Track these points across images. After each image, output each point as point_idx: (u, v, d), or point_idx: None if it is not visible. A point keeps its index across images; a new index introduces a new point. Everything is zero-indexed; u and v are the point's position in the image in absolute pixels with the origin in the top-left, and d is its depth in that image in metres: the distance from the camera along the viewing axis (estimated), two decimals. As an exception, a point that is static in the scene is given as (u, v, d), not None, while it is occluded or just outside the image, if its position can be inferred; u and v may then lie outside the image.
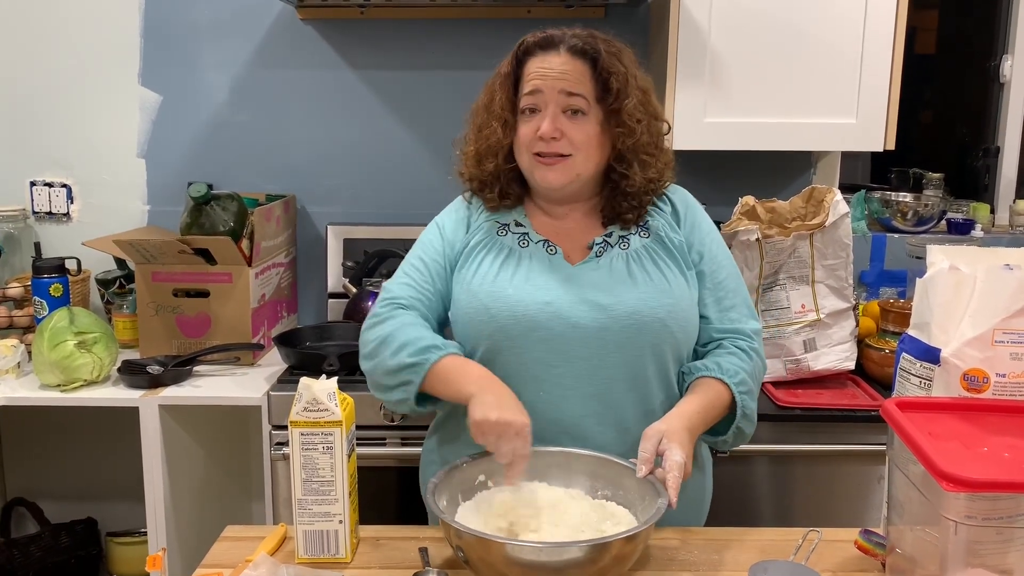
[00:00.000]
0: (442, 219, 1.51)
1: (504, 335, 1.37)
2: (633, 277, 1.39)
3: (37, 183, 2.59)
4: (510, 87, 1.40)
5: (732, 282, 1.47)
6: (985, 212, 2.64)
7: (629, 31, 2.46)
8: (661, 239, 1.44)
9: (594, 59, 1.36)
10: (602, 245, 1.42)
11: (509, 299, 1.37)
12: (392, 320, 1.40)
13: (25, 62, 2.54)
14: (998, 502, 0.99)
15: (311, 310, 2.64)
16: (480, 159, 1.45)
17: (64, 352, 2.01)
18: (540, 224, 1.45)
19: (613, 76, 1.36)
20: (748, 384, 1.40)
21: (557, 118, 1.36)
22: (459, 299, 1.43)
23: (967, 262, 1.19)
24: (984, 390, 1.15)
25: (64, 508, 2.65)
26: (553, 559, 1.11)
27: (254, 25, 2.52)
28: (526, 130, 1.39)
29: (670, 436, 1.26)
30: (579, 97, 1.36)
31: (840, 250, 2.03)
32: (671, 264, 1.42)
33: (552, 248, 1.42)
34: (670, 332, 1.38)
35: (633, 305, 1.36)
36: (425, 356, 1.33)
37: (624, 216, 1.43)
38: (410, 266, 1.47)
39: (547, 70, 1.37)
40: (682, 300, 1.40)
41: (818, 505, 2.00)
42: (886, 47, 2.13)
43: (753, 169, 2.50)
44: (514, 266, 1.41)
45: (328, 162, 2.58)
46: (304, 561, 1.27)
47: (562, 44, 1.37)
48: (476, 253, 1.44)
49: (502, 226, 1.46)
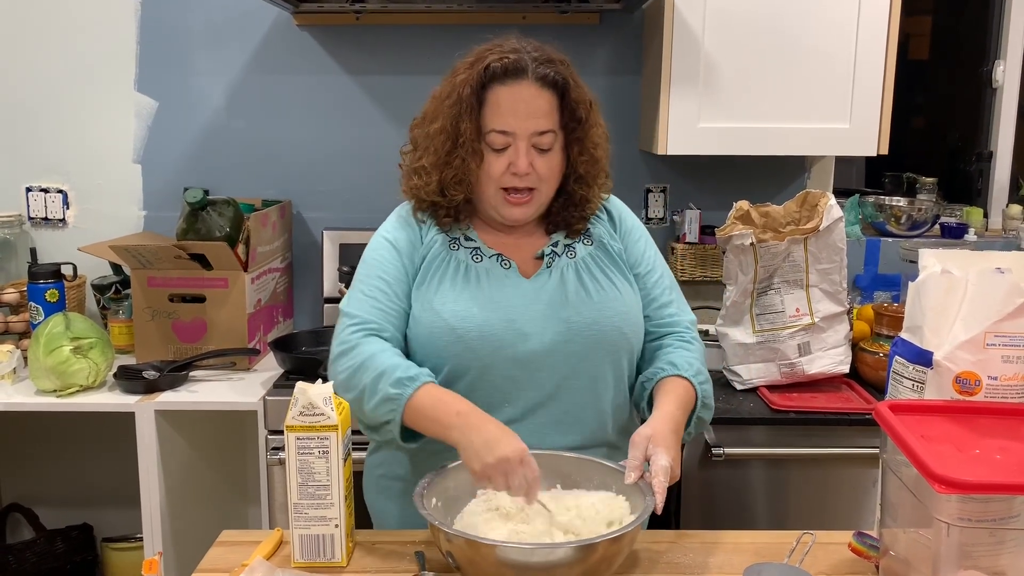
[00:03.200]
0: (392, 234, 1.46)
1: (472, 355, 1.37)
2: (586, 288, 1.42)
3: (33, 189, 2.59)
4: (475, 114, 1.36)
5: (666, 280, 1.51)
6: (978, 216, 2.66)
7: (623, 37, 2.50)
8: (604, 247, 1.47)
9: (562, 89, 1.36)
10: (551, 256, 1.44)
11: (475, 319, 1.37)
12: (361, 349, 1.35)
13: (21, 68, 2.55)
14: (990, 504, 1.00)
15: (307, 315, 2.65)
16: (444, 188, 1.41)
17: (60, 357, 2.01)
18: (489, 238, 1.46)
19: (580, 106, 1.37)
20: (704, 373, 1.44)
21: (529, 153, 1.36)
22: (421, 318, 1.40)
23: (959, 266, 1.20)
24: (976, 393, 1.16)
25: (60, 514, 2.64)
26: (540, 560, 1.12)
27: (250, 31, 2.53)
28: (497, 166, 1.37)
29: (656, 441, 1.27)
30: (548, 134, 1.36)
31: (834, 254, 2.03)
32: (616, 272, 1.46)
33: (506, 263, 1.43)
34: (626, 339, 1.42)
35: (592, 317, 1.39)
36: (400, 391, 1.30)
37: (574, 227, 1.46)
38: (371, 287, 1.41)
39: (519, 107, 1.34)
40: (632, 307, 1.45)
41: (812, 508, 2.01)
42: (879, 52, 2.14)
43: (747, 174, 2.51)
44: (474, 284, 1.40)
45: (324, 167, 2.59)
46: (300, 565, 1.27)
47: (529, 71, 1.34)
48: (434, 270, 1.42)
49: (452, 240, 1.45)
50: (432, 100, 1.43)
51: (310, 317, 2.64)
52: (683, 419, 1.37)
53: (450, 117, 1.37)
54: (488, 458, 1.22)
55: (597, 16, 2.48)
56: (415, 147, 1.46)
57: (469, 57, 1.40)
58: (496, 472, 1.22)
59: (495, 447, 1.23)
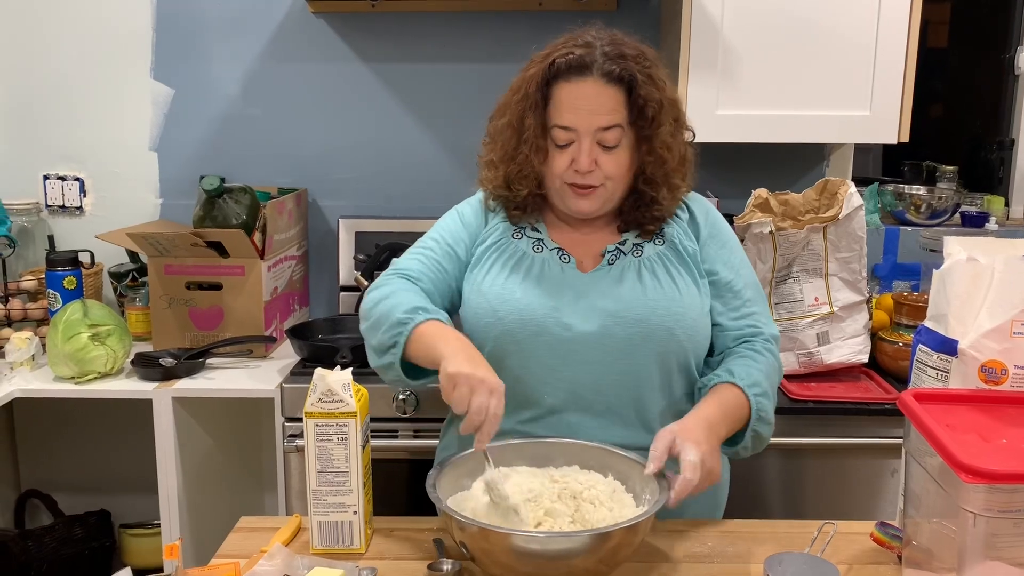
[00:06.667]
0: (462, 208, 1.52)
1: (510, 338, 1.37)
2: (643, 284, 1.38)
3: (50, 177, 2.60)
4: (540, 110, 1.36)
5: (749, 291, 1.44)
6: (1000, 205, 2.63)
7: (641, 23, 2.48)
8: (675, 246, 1.43)
9: (629, 85, 1.33)
10: (614, 253, 1.42)
11: (517, 302, 1.37)
12: (390, 285, 1.40)
13: (37, 56, 2.55)
14: (1016, 494, 0.99)
15: (323, 303, 2.65)
16: (509, 182, 1.42)
17: (78, 344, 2.01)
18: (556, 232, 1.45)
19: (648, 104, 1.33)
20: (762, 386, 1.36)
21: (592, 150, 1.34)
22: (469, 299, 1.43)
23: (984, 253, 1.18)
24: (1002, 382, 1.15)
25: (78, 500, 2.66)
26: (554, 548, 1.11)
27: (266, 19, 2.52)
28: (560, 162, 1.36)
29: (683, 435, 1.23)
30: (614, 130, 1.33)
31: (854, 243, 2.02)
32: (683, 272, 1.41)
33: (566, 257, 1.42)
34: (677, 341, 1.37)
35: (640, 312, 1.36)
36: (410, 316, 1.32)
37: (646, 228, 1.42)
38: (423, 245, 1.48)
39: (581, 104, 1.32)
40: (691, 309, 1.38)
41: (830, 498, 2.00)
42: (900, 38, 2.11)
43: (766, 162, 2.49)
44: (525, 271, 1.41)
45: (340, 155, 2.58)
46: (319, 552, 1.27)
47: (594, 68, 1.32)
48: (489, 254, 1.44)
49: (518, 228, 1.45)
50: (506, 93, 1.43)
51: (326, 305, 2.64)
52: (722, 422, 1.30)
53: (517, 112, 1.38)
54: (465, 367, 1.20)
55: (615, 1, 2.46)
56: (490, 140, 1.46)
57: (543, 50, 1.38)
58: (465, 383, 1.19)
59: (477, 365, 1.21)
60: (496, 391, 1.20)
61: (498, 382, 1.21)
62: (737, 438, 1.36)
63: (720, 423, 1.30)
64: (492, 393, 1.19)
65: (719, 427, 1.29)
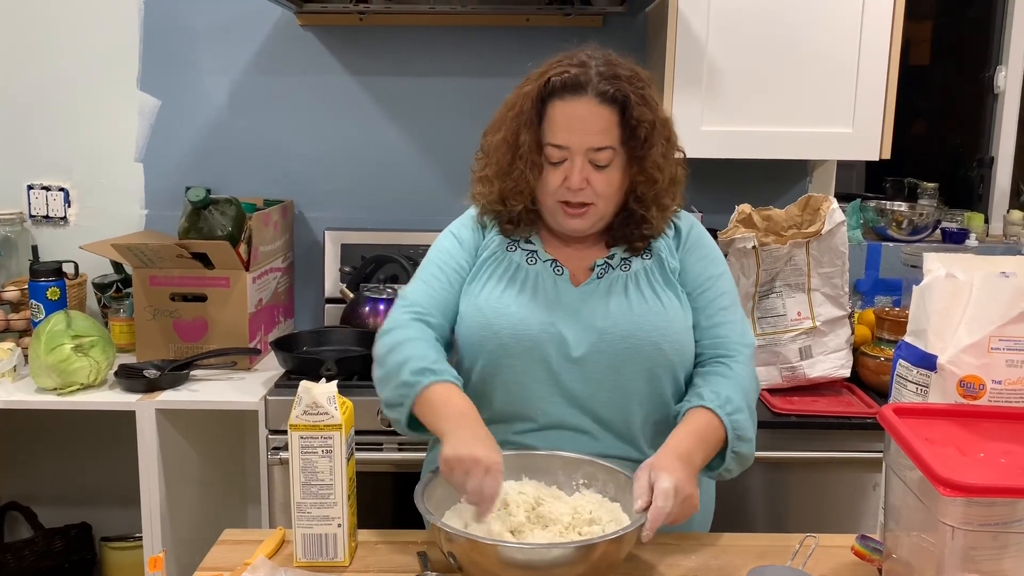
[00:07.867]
0: (458, 231, 1.51)
1: (504, 352, 1.38)
2: (629, 299, 1.40)
3: (35, 186, 2.59)
4: (535, 127, 1.37)
5: (724, 300, 1.45)
6: (979, 222, 2.66)
7: (627, 40, 2.50)
8: (661, 262, 1.44)
9: (623, 105, 1.34)
10: (603, 267, 1.43)
11: (512, 317, 1.39)
12: (403, 331, 1.40)
13: (23, 65, 2.55)
14: (993, 508, 1.00)
15: (308, 315, 2.64)
16: (504, 198, 1.43)
17: (61, 356, 2.00)
18: (550, 245, 1.47)
19: (641, 124, 1.35)
20: (734, 402, 1.35)
21: (584, 169, 1.35)
22: (464, 313, 1.44)
23: (964, 269, 1.20)
24: (980, 396, 1.16)
25: (58, 512, 2.64)
26: (541, 559, 1.13)
27: (253, 31, 2.53)
28: (553, 179, 1.37)
29: (657, 467, 1.24)
30: (606, 151, 1.35)
31: (836, 258, 2.04)
32: (666, 288, 1.43)
33: (559, 269, 1.43)
34: (663, 354, 1.39)
35: (627, 329, 1.38)
36: (417, 379, 1.32)
37: (634, 244, 1.44)
38: (428, 274, 1.47)
39: (575, 123, 1.34)
40: (675, 322, 1.40)
41: (812, 512, 2.01)
42: (882, 57, 2.14)
43: (749, 177, 2.51)
44: (520, 284, 1.42)
45: (326, 167, 2.59)
46: (302, 564, 1.27)
47: (589, 87, 1.33)
48: (485, 268, 1.45)
49: (512, 242, 1.47)
50: (500, 108, 1.43)
51: (311, 317, 2.64)
52: (697, 448, 1.30)
53: (512, 128, 1.39)
54: (462, 450, 1.22)
55: (600, 19, 2.49)
56: (484, 155, 1.47)
57: (539, 68, 1.39)
58: (460, 466, 1.21)
59: (474, 446, 1.22)
60: (492, 469, 1.21)
61: (494, 460, 1.22)
62: (717, 462, 1.36)
63: (695, 450, 1.30)
64: (488, 472, 1.20)
65: (694, 454, 1.29)
